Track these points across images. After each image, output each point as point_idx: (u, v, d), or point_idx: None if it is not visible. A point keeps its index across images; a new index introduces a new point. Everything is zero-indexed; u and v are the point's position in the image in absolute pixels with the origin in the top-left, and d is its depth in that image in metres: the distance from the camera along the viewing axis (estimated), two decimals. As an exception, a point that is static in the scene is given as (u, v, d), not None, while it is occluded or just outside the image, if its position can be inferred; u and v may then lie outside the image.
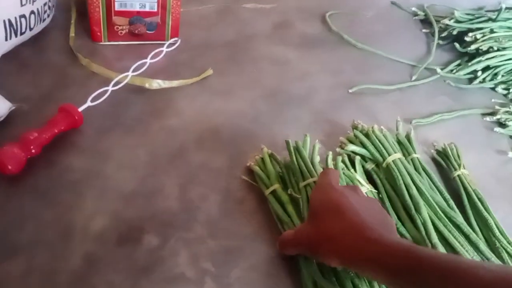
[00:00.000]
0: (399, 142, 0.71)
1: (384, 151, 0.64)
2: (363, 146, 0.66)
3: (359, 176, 0.64)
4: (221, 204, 0.61)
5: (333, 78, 0.89)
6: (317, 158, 0.65)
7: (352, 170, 0.65)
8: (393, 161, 0.62)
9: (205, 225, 0.58)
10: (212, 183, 0.64)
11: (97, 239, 0.55)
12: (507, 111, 0.87)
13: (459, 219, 0.58)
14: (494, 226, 0.61)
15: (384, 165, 0.63)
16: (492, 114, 0.87)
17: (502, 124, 0.85)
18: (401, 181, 0.60)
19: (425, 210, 0.56)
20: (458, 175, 0.68)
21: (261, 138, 0.72)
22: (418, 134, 0.79)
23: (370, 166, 0.66)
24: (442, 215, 0.57)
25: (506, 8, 1.01)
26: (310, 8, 1.07)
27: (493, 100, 0.91)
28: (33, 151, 0.59)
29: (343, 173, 0.63)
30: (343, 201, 0.47)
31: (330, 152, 0.65)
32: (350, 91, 0.85)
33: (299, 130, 0.75)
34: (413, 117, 0.82)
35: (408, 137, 0.72)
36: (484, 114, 0.87)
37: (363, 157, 0.67)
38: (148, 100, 0.74)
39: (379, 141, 0.66)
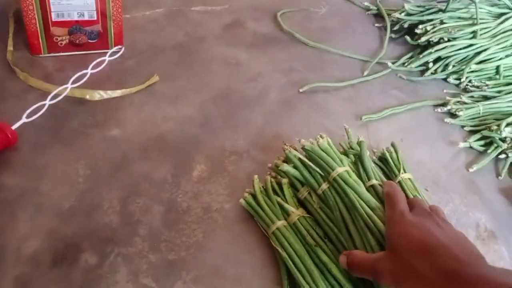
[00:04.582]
0: (351, 149, 0.67)
1: (331, 164, 0.59)
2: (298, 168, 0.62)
3: (289, 200, 0.60)
4: (163, 216, 0.59)
5: (285, 77, 0.88)
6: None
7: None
8: (338, 174, 0.58)
9: (147, 239, 0.56)
10: (155, 194, 0.62)
11: (30, 261, 0.52)
12: (458, 101, 0.87)
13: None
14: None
15: (330, 178, 0.59)
16: (443, 105, 0.87)
17: (453, 115, 0.85)
18: (352, 195, 0.56)
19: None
20: (399, 181, 0.64)
21: (209, 144, 0.71)
22: (370, 130, 0.79)
23: (302, 194, 0.61)
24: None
25: (455, -2, 1.02)
26: (262, 7, 1.06)
27: (444, 91, 0.92)
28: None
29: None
30: (427, 239, 0.44)
31: (256, 176, 0.63)
32: (300, 90, 0.84)
33: (250, 133, 0.74)
34: (365, 112, 0.82)
35: (359, 144, 0.66)
36: (435, 106, 0.87)
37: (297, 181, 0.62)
38: (89, 112, 0.71)
39: (326, 153, 0.61)
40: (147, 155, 0.67)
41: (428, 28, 0.97)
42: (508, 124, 0.80)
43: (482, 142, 0.81)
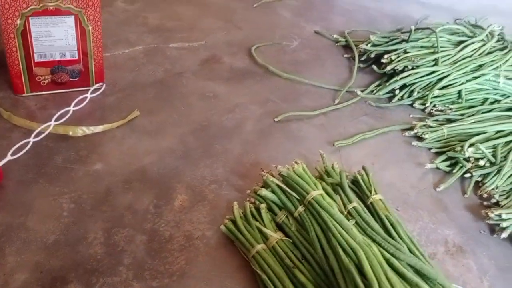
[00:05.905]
0: (327, 173, 0.72)
1: (306, 188, 0.63)
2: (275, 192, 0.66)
3: (267, 225, 0.64)
4: (147, 245, 0.62)
5: (261, 108, 0.92)
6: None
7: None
8: (313, 198, 0.62)
9: (131, 268, 0.59)
10: (138, 224, 0.64)
11: (18, 295, 0.54)
12: (423, 125, 0.92)
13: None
14: (407, 251, 0.61)
15: (306, 202, 0.63)
16: (410, 129, 0.92)
17: (419, 138, 0.90)
18: (325, 216, 0.59)
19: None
20: (371, 202, 0.69)
21: (190, 174, 0.74)
22: (342, 155, 0.83)
23: (280, 218, 0.65)
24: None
25: (417, 29, 1.09)
26: (237, 43, 1.12)
27: (411, 116, 0.97)
28: (-51, 211, 0.58)
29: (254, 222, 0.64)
30: None
31: (235, 203, 0.66)
32: (276, 120, 0.89)
33: (229, 162, 0.78)
34: (337, 138, 0.86)
35: (340, 173, 0.71)
36: (403, 130, 0.92)
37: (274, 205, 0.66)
38: (73, 148, 0.74)
39: (301, 178, 0.65)
40: (130, 187, 0.70)
41: (393, 57, 1.03)
42: (471, 145, 0.85)
43: (447, 163, 0.86)
